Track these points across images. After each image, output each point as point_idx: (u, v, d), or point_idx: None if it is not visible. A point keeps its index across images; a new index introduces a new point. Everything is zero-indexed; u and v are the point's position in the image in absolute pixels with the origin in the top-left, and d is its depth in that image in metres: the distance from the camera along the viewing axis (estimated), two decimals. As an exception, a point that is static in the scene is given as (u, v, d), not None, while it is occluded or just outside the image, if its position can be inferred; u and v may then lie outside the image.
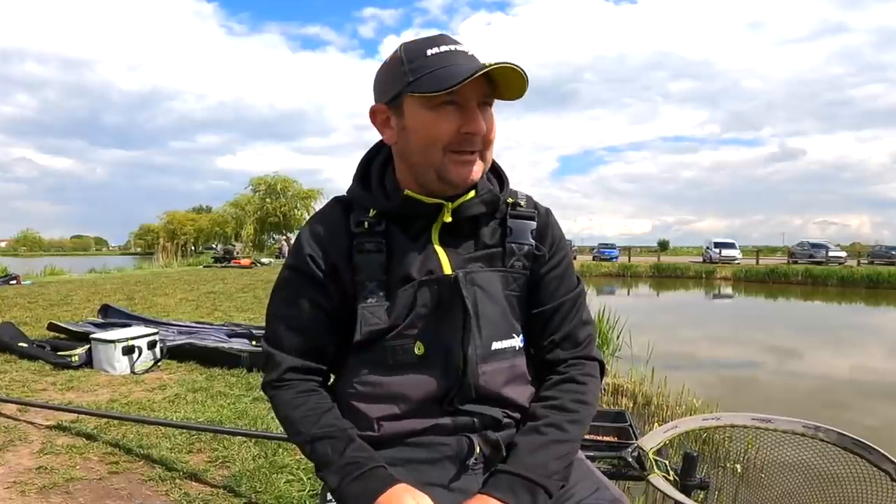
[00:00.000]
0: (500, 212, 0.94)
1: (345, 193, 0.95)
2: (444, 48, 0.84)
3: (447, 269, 0.87)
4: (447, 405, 0.86)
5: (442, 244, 0.89)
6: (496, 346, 0.88)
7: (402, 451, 0.86)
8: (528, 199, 0.98)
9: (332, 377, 0.97)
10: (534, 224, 0.94)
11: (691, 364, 7.76)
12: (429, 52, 0.83)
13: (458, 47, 0.84)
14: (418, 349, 0.86)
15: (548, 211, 0.98)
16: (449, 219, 0.88)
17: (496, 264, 0.91)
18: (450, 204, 0.88)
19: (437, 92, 0.80)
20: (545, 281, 0.94)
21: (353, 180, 0.94)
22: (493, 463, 0.85)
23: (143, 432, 2.62)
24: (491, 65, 0.79)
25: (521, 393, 0.91)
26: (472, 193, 0.89)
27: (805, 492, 1.35)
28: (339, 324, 0.90)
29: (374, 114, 0.90)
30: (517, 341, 0.92)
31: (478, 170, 0.86)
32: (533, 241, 0.93)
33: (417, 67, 0.82)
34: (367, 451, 0.83)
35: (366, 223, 0.88)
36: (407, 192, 0.87)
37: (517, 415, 0.90)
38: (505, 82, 0.83)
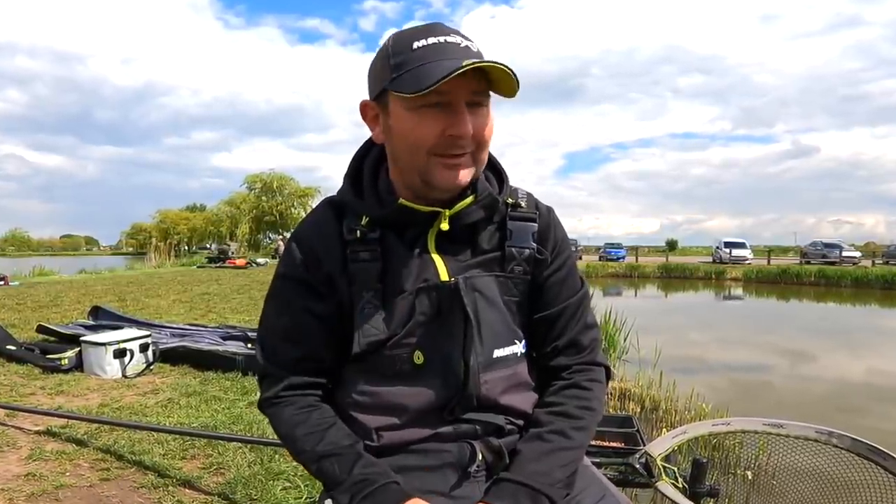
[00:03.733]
0: (499, 213, 0.89)
1: (336, 194, 0.91)
2: (431, 40, 0.77)
3: (444, 277, 0.84)
4: (448, 414, 0.84)
5: (439, 251, 0.86)
6: (498, 353, 0.86)
7: (403, 459, 0.83)
8: (529, 197, 0.94)
9: (330, 385, 0.93)
10: (535, 226, 0.90)
11: (701, 367, 7.65)
12: (415, 44, 0.77)
13: (449, 38, 0.77)
14: (417, 358, 0.83)
15: (549, 210, 0.94)
16: (446, 226, 0.84)
17: (495, 269, 0.87)
18: (447, 211, 0.84)
19: (416, 93, 0.74)
20: (547, 285, 0.91)
21: (345, 181, 0.89)
22: (496, 470, 0.83)
23: (135, 438, 2.58)
24: (472, 63, 0.73)
25: (524, 400, 0.89)
26: (470, 198, 0.85)
27: (818, 499, 1.32)
28: (336, 333, 0.86)
29: (363, 110, 0.86)
30: (519, 347, 0.89)
31: (467, 173, 0.81)
32: (534, 245, 0.89)
33: (401, 63, 0.77)
34: (377, 465, 0.80)
35: (358, 231, 0.84)
36: (401, 200, 0.83)
37: (520, 422, 0.88)
38: (497, 77, 0.77)
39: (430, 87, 0.73)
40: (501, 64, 0.74)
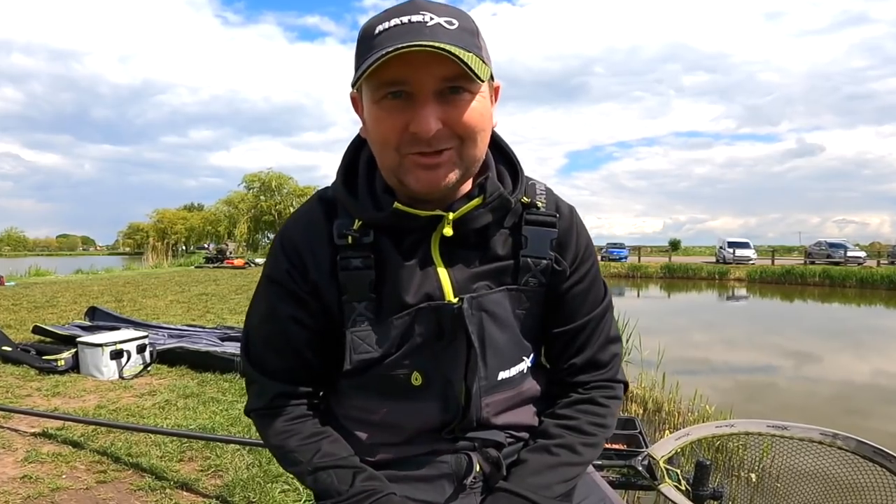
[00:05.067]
0: (513, 214, 0.80)
1: (329, 188, 0.82)
2: (394, 21, 0.67)
3: (448, 292, 0.76)
4: (446, 434, 0.81)
5: (443, 260, 0.78)
6: (503, 375, 0.81)
7: (398, 470, 0.81)
8: (549, 194, 0.84)
9: (322, 393, 0.90)
10: (554, 232, 0.81)
11: (704, 369, 7.61)
12: (378, 27, 0.68)
13: (415, 17, 0.66)
14: (416, 380, 0.78)
15: (571, 211, 0.85)
16: (450, 232, 0.75)
17: (506, 281, 0.80)
18: (450, 215, 0.75)
19: (354, 85, 0.68)
20: (567, 298, 0.83)
21: (338, 175, 0.80)
22: (493, 482, 0.80)
23: (132, 440, 2.56)
24: (404, 46, 0.63)
25: (527, 414, 0.85)
26: (476, 200, 0.76)
27: (822, 502, 1.31)
28: (326, 342, 0.81)
29: (352, 102, 0.77)
30: (526, 363, 0.84)
31: (451, 172, 0.71)
32: (552, 254, 0.81)
33: (363, 50, 0.68)
34: (379, 479, 0.77)
35: (350, 237, 0.76)
36: (397, 205, 0.74)
37: (522, 434, 0.85)
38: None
39: (358, 77, 0.66)
40: (434, 47, 0.63)
